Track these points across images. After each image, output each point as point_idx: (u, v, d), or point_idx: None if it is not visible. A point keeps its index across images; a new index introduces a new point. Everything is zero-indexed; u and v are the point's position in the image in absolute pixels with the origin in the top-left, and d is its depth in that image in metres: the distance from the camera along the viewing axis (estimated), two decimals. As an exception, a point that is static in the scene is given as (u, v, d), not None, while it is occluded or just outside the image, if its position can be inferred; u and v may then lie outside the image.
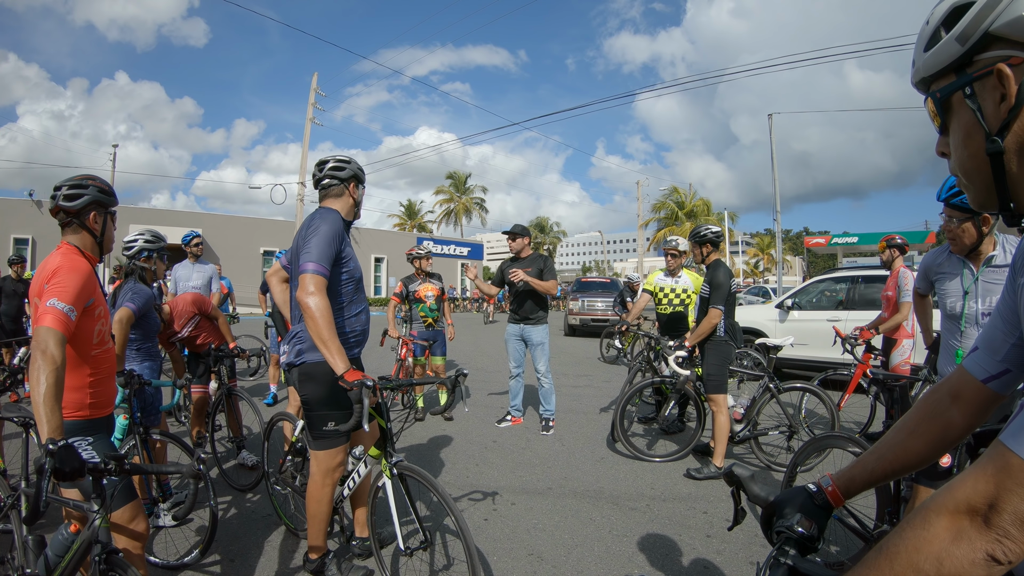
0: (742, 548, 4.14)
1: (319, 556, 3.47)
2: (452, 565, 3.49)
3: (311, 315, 3.01)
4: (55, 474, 1.92)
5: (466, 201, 62.99)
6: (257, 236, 38.64)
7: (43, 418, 2.13)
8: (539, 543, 4.18)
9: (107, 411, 2.83)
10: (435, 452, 6.29)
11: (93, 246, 2.80)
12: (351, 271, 3.43)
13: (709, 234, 5.86)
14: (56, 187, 2.76)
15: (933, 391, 1.36)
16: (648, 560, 3.97)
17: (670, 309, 7.08)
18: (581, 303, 20.60)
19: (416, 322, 7.73)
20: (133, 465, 2.33)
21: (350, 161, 3.61)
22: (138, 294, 4.20)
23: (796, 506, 1.38)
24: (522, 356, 7.25)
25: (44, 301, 2.39)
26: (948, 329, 3.43)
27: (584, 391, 10.00)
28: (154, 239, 4.56)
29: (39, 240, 31.28)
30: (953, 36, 0.92)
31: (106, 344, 2.79)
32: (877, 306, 9.03)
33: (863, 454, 1.41)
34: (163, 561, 3.73)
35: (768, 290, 30.89)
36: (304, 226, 3.35)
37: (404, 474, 3.28)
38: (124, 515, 2.64)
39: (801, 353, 9.44)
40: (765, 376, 5.95)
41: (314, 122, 29.71)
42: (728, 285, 5.63)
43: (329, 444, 3.32)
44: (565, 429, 7.30)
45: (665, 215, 52.24)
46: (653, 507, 4.86)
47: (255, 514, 4.61)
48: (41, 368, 2.21)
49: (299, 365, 3.31)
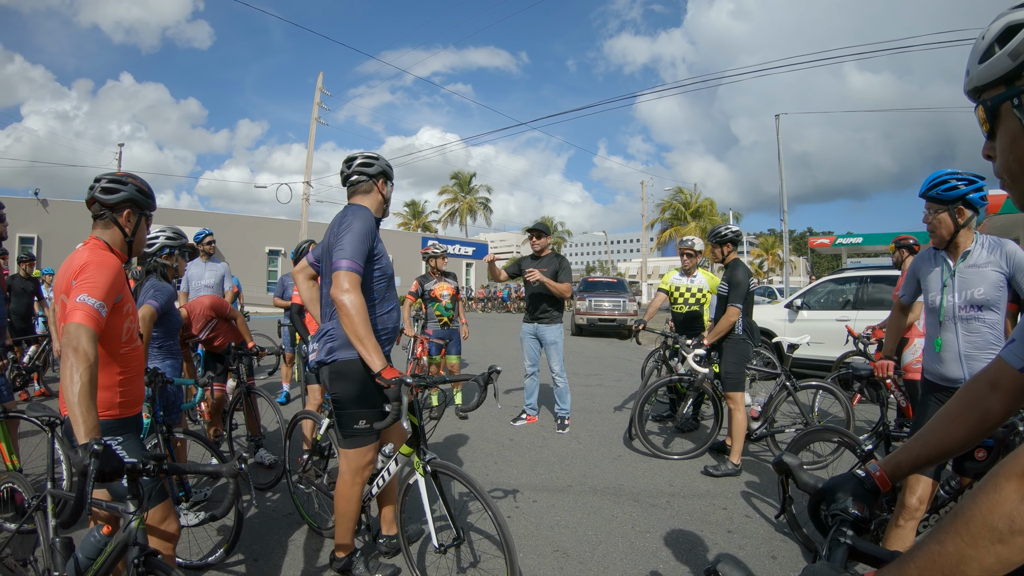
0: (763, 543, 4.16)
1: (346, 554, 3.46)
2: (480, 561, 3.47)
3: (347, 312, 2.99)
4: (97, 476, 1.88)
5: (470, 201, 62.93)
6: (262, 235, 38.72)
7: (79, 418, 2.06)
8: (563, 540, 4.18)
9: (136, 410, 2.79)
10: (452, 450, 6.28)
11: (122, 244, 2.75)
12: (383, 268, 3.41)
13: (729, 234, 5.87)
14: (96, 179, 2.73)
15: (974, 380, 1.45)
16: (673, 555, 3.97)
17: (685, 308, 7.07)
18: (588, 303, 20.56)
19: (431, 321, 7.70)
20: (171, 465, 2.30)
21: (378, 157, 3.57)
22: (160, 291, 4.16)
23: (848, 491, 1.45)
24: (537, 355, 7.24)
25: (73, 297, 2.33)
26: (929, 323, 3.45)
27: (596, 390, 10.00)
28: (175, 236, 4.54)
29: (44, 239, 31.42)
30: (1006, 52, 1.03)
31: (135, 342, 2.75)
32: (885, 306, 9.04)
33: (908, 441, 1.49)
34: (186, 561, 3.69)
35: (774, 290, 30.90)
36: (335, 223, 3.33)
37: (437, 471, 3.26)
38: (156, 515, 2.61)
39: (811, 352, 9.43)
40: (782, 374, 5.93)
41: (319, 122, 29.68)
42: (747, 284, 5.63)
43: (359, 442, 3.30)
44: (580, 427, 7.30)
45: (671, 215, 52.17)
46: (673, 504, 4.85)
47: (276, 513, 4.60)
48: (74, 366, 2.13)
49: (330, 363, 3.27)
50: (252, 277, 34.02)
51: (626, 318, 19.82)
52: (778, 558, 3.94)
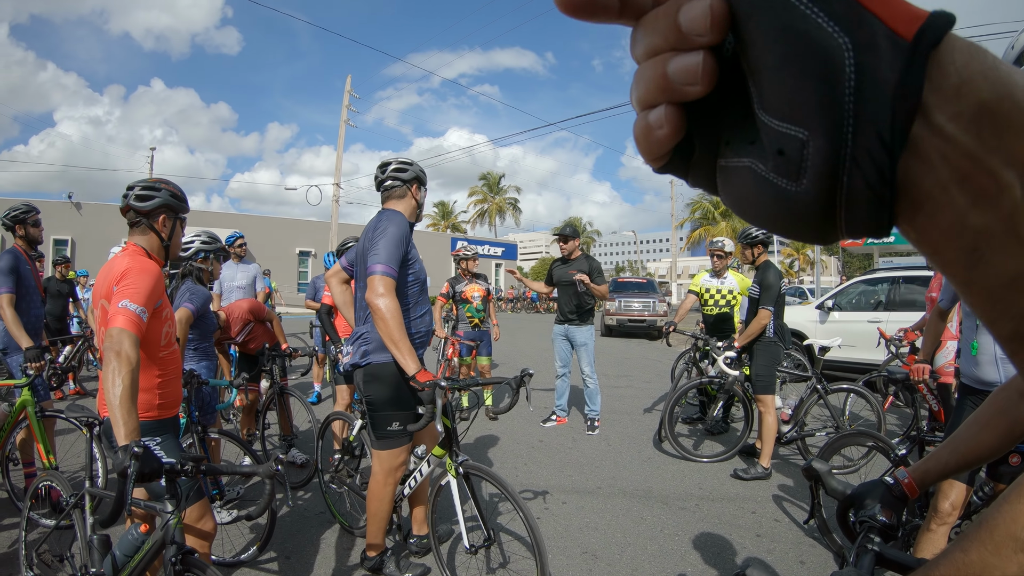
0: (792, 547, 4.13)
1: (377, 554, 3.50)
2: (509, 562, 3.50)
3: (382, 316, 3.03)
4: (137, 477, 1.92)
5: (499, 201, 63.02)
6: (293, 237, 39.01)
7: (120, 420, 2.11)
8: (592, 541, 4.19)
9: (173, 411, 2.84)
10: (482, 452, 6.31)
11: (159, 249, 2.81)
12: (417, 272, 3.45)
13: (760, 235, 5.83)
14: (129, 186, 2.77)
15: (1004, 388, 1.40)
16: (702, 558, 3.97)
17: (716, 310, 7.03)
18: (618, 303, 20.47)
19: (462, 322, 7.73)
20: (210, 466, 2.33)
21: (412, 163, 3.61)
22: (196, 295, 4.25)
23: (876, 497, 1.44)
24: (568, 356, 7.23)
25: (115, 303, 2.37)
26: (967, 326, 3.40)
27: (626, 391, 9.99)
28: (211, 240, 4.62)
29: (78, 241, 31.94)
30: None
31: (172, 346, 2.81)
32: (918, 307, 8.91)
33: (937, 447, 1.46)
34: (219, 558, 3.75)
35: (804, 290, 30.54)
36: (370, 228, 3.37)
37: (469, 473, 3.29)
38: (193, 514, 2.65)
39: (842, 355, 9.31)
40: (813, 377, 5.89)
41: (348, 124, 29.88)
42: (778, 286, 5.59)
43: (392, 444, 3.34)
44: (610, 429, 7.29)
45: (700, 215, 51.84)
46: (702, 507, 4.84)
47: (308, 512, 4.66)
48: (116, 369, 2.18)
49: (364, 366, 3.32)
50: (283, 278, 34.22)
51: (656, 319, 19.73)
52: (807, 563, 3.91)
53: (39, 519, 3.97)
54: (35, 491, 3.43)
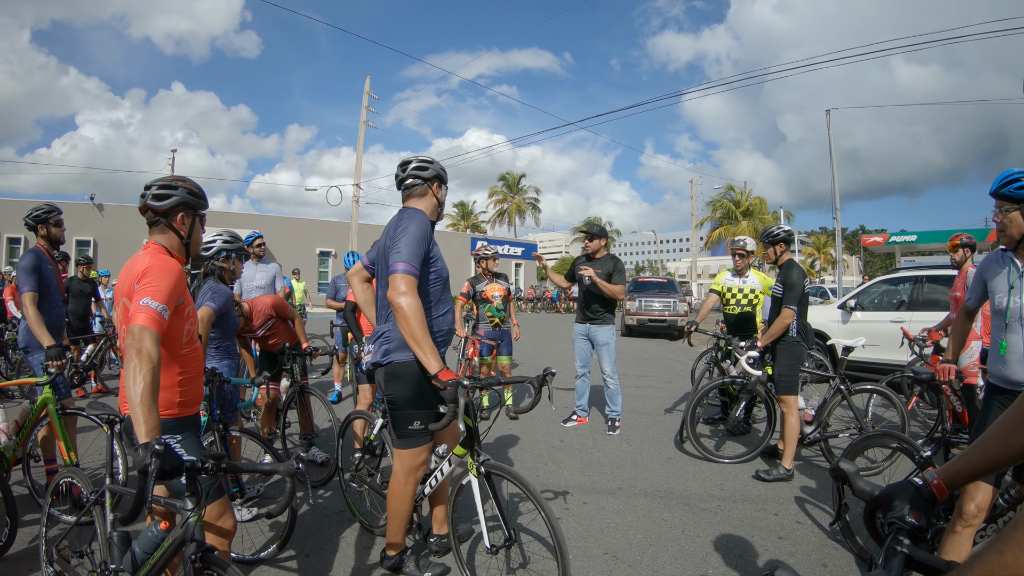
0: (814, 550, 4.08)
1: (397, 552, 3.50)
2: (529, 563, 3.48)
3: (404, 315, 3.01)
4: (157, 474, 1.92)
5: (519, 201, 62.98)
6: (313, 237, 39.26)
7: (140, 418, 2.09)
8: (613, 542, 4.16)
9: (195, 409, 2.84)
10: (503, 451, 6.30)
11: (180, 247, 2.79)
12: (439, 271, 3.43)
13: (782, 233, 5.78)
14: (146, 186, 2.75)
15: None
16: (723, 560, 3.93)
17: (738, 309, 6.99)
18: (638, 303, 20.42)
19: (483, 322, 7.73)
20: (230, 464, 2.33)
21: (433, 161, 3.59)
22: (218, 293, 4.26)
23: (905, 499, 1.42)
24: (588, 356, 7.21)
25: (137, 300, 2.36)
26: (995, 325, 3.34)
27: (646, 392, 9.95)
28: (232, 239, 4.63)
29: (100, 242, 32.41)
30: None
31: (194, 343, 2.80)
32: (941, 307, 8.80)
33: (967, 448, 1.44)
34: (239, 555, 3.75)
35: (826, 290, 30.33)
36: (391, 226, 3.36)
37: (490, 472, 3.26)
38: (213, 512, 2.63)
39: (865, 355, 9.21)
40: (836, 377, 5.83)
41: (367, 125, 30.02)
42: (802, 285, 5.53)
43: (413, 443, 3.33)
44: (631, 429, 7.26)
45: (721, 214, 51.53)
46: (724, 508, 4.80)
47: (328, 510, 4.67)
48: (137, 367, 2.17)
49: (386, 364, 3.30)
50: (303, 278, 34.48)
51: (676, 318, 19.68)
52: (829, 566, 3.86)
53: (60, 515, 4.01)
54: (56, 487, 3.45)
